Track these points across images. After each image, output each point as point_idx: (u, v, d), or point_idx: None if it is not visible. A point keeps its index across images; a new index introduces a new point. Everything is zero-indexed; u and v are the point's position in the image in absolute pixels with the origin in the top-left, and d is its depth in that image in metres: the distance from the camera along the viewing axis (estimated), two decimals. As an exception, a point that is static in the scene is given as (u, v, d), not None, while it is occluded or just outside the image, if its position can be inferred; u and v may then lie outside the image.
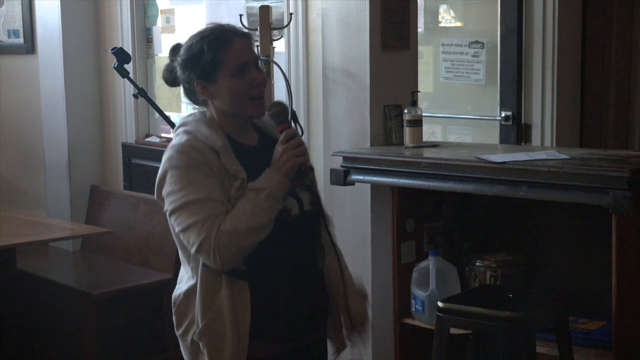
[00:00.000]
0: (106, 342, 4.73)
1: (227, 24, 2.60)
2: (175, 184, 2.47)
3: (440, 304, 3.11)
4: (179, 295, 2.60)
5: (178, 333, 2.62)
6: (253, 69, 2.55)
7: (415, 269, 3.67)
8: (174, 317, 2.62)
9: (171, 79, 2.65)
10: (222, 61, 2.52)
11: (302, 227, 2.59)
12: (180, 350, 2.66)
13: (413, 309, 3.66)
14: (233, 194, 2.48)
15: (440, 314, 3.09)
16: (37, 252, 5.43)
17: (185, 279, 2.61)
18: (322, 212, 2.66)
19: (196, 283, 2.53)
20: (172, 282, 5.00)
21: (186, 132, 2.54)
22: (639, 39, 4.77)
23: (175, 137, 2.56)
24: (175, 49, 2.63)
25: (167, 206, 2.50)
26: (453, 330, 3.11)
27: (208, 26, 2.62)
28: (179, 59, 2.58)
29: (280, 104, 2.65)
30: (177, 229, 2.49)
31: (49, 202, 5.72)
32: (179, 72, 2.59)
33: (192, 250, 2.47)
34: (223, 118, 2.57)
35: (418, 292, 3.62)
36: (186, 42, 2.59)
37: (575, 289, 3.58)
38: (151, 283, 4.87)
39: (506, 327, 2.94)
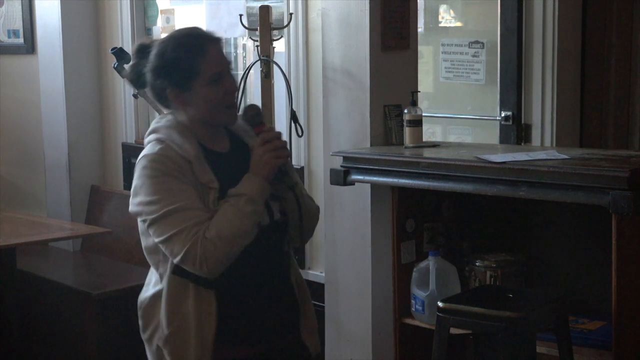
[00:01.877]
0: (106, 342, 4.73)
1: (198, 29, 2.57)
2: (153, 194, 2.45)
3: (440, 304, 3.11)
4: (145, 299, 2.60)
5: (144, 337, 2.62)
6: (227, 77, 2.53)
7: (415, 269, 3.67)
8: (140, 321, 2.62)
9: (137, 81, 2.60)
10: (198, 70, 2.48)
11: (270, 236, 2.58)
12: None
13: (413, 309, 3.66)
14: (211, 206, 2.46)
15: (440, 314, 3.08)
16: (37, 252, 5.43)
17: (152, 282, 2.60)
18: (288, 218, 2.62)
19: (163, 289, 2.53)
20: (172, 282, 4.99)
21: (158, 140, 2.52)
22: (639, 39, 4.77)
23: (148, 145, 2.54)
24: (142, 50, 2.57)
25: (146, 216, 2.46)
26: (453, 330, 3.11)
27: (181, 31, 2.58)
28: (150, 64, 2.53)
29: (254, 107, 2.63)
30: (157, 239, 2.46)
31: (49, 202, 5.72)
32: (149, 77, 2.54)
33: (176, 260, 2.44)
34: (194, 124, 2.54)
35: (418, 292, 3.62)
36: (158, 48, 2.53)
37: (575, 289, 3.58)
38: (151, 283, 4.87)
39: (506, 327, 2.94)
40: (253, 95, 4.90)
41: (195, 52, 2.48)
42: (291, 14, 4.50)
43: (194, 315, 2.49)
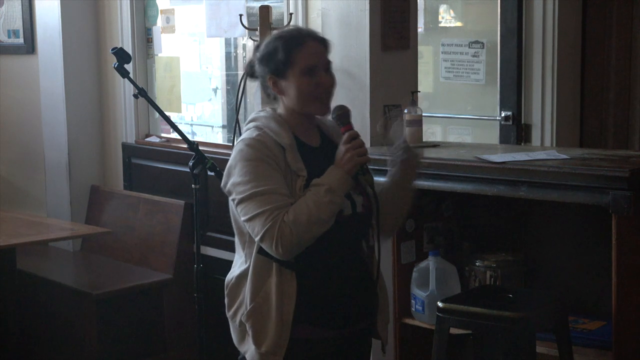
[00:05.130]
0: (106, 342, 4.74)
1: (306, 28, 2.85)
2: (245, 175, 2.62)
3: (440, 304, 3.11)
4: (232, 278, 2.76)
5: (228, 314, 2.77)
6: (322, 72, 2.71)
7: (415, 269, 3.66)
8: (225, 299, 2.78)
9: (250, 72, 2.83)
10: (294, 60, 2.68)
11: (352, 227, 2.73)
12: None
13: (413, 309, 3.66)
14: (297, 192, 2.63)
15: (440, 314, 3.09)
16: (37, 252, 5.43)
17: (238, 264, 2.76)
18: (374, 215, 2.79)
19: (248, 268, 2.69)
20: (172, 282, 5.04)
21: (257, 127, 2.71)
22: (639, 39, 4.77)
23: (246, 132, 2.73)
24: (258, 45, 2.81)
25: (235, 195, 2.64)
26: (453, 330, 3.11)
27: (287, 28, 2.88)
28: (257, 54, 2.76)
29: (343, 107, 2.78)
30: (243, 218, 2.64)
31: (49, 202, 5.71)
32: (256, 66, 2.76)
33: (257, 239, 2.62)
34: (291, 116, 2.74)
35: (418, 292, 3.62)
36: (265, 40, 2.77)
37: (575, 289, 3.58)
38: (151, 283, 4.87)
39: (506, 327, 2.94)
40: (254, 95, 4.90)
41: (294, 43, 2.69)
42: (291, 14, 4.50)
43: (276, 294, 2.65)
